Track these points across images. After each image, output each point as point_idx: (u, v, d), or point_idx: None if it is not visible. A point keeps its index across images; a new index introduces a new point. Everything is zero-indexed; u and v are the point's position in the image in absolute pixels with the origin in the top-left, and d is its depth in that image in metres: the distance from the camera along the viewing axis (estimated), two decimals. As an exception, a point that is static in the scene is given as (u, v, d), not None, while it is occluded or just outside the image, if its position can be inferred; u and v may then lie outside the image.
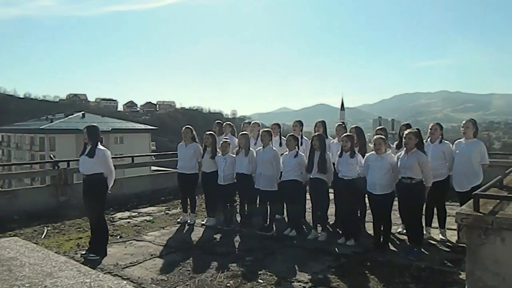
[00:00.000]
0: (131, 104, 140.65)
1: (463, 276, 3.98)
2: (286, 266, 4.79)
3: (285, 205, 6.59)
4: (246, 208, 6.71)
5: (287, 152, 6.17)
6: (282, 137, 7.16)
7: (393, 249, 5.43)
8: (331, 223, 6.46)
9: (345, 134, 5.91)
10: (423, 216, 5.53)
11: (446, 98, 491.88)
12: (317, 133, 6.19)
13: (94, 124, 5.47)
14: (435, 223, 5.87)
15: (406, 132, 5.33)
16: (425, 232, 5.65)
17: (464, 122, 5.82)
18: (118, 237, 6.15)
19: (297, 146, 6.17)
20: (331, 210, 6.40)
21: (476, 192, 3.60)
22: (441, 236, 5.75)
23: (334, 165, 5.93)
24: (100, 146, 5.22)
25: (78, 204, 6.77)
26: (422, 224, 5.45)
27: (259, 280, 4.38)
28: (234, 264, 4.85)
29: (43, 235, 6.25)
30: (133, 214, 7.71)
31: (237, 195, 6.98)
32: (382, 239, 5.44)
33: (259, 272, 4.58)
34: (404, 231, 5.73)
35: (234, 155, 6.65)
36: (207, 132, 6.92)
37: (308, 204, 6.52)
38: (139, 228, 6.69)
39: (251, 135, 7.24)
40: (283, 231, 6.17)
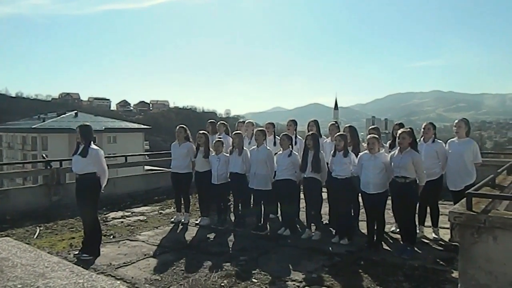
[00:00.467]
0: (124, 103, 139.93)
1: (455, 274, 4.01)
2: (280, 266, 4.80)
3: (279, 204, 6.59)
4: (240, 207, 6.71)
5: (281, 152, 6.17)
6: (276, 137, 7.16)
7: (387, 248, 5.45)
8: (325, 222, 6.47)
9: (338, 133, 5.92)
10: (416, 215, 5.57)
11: (439, 98, 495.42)
12: (310, 132, 6.20)
13: (87, 124, 5.43)
14: (428, 222, 5.91)
15: (399, 131, 5.35)
16: (418, 231, 5.68)
17: (456, 121, 5.87)
18: (111, 237, 6.12)
19: (291, 146, 6.17)
20: (325, 209, 6.41)
21: (469, 191, 3.63)
22: (434, 235, 5.79)
23: (327, 164, 5.95)
24: (93, 146, 5.18)
25: (71, 204, 6.72)
26: (415, 223, 5.47)
27: (253, 280, 4.37)
28: (228, 264, 4.84)
29: (35, 235, 6.19)
30: (127, 213, 7.67)
31: (231, 195, 6.97)
32: (375, 238, 5.46)
33: (253, 272, 4.57)
34: (398, 230, 5.75)
35: (228, 155, 6.64)
36: (199, 132, 6.89)
37: (302, 204, 6.53)
38: (133, 228, 6.66)
39: (245, 135, 7.23)
40: (277, 231, 6.17)
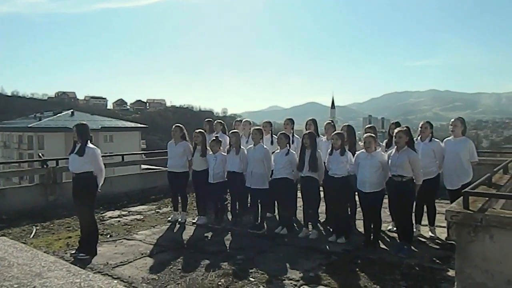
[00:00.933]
0: (121, 102, 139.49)
1: (452, 273, 4.03)
2: (277, 264, 4.80)
3: (276, 203, 6.59)
4: (237, 206, 6.70)
5: (279, 150, 6.17)
6: (273, 135, 7.16)
7: (384, 246, 5.46)
8: (322, 221, 6.49)
9: (335, 132, 5.93)
10: (413, 214, 5.58)
11: (436, 97, 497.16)
12: (308, 131, 6.20)
13: (84, 122, 5.42)
14: (425, 221, 5.93)
15: (396, 130, 5.35)
16: (415, 230, 5.69)
17: (452, 120, 5.88)
18: (108, 236, 6.10)
19: (288, 144, 6.17)
20: (322, 208, 6.42)
21: (465, 190, 3.64)
22: (430, 234, 5.81)
23: (324, 163, 5.95)
24: (89, 145, 5.16)
25: (67, 203, 6.70)
26: (412, 221, 5.49)
27: (251, 279, 4.37)
28: (225, 263, 4.84)
29: (32, 235, 6.17)
30: (124, 213, 7.65)
31: (229, 193, 6.97)
32: (372, 237, 5.48)
33: (251, 271, 4.57)
34: (395, 228, 5.77)
35: (225, 153, 6.64)
36: (196, 131, 6.89)
37: (299, 202, 6.53)
38: (130, 227, 6.64)
39: (242, 134, 7.23)
40: (274, 229, 6.17)
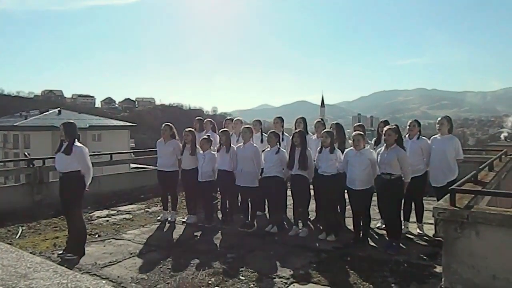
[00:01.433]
0: (109, 101, 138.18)
1: (439, 269, 4.07)
2: (268, 263, 4.80)
3: (266, 201, 6.60)
4: (227, 205, 6.69)
5: (269, 149, 6.17)
6: (263, 134, 7.16)
7: (373, 244, 5.51)
8: (312, 219, 6.51)
9: (325, 130, 5.95)
10: (401, 211, 5.63)
11: (423, 96, 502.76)
12: (297, 129, 6.21)
13: (71, 121, 5.36)
14: (413, 218, 5.99)
15: (385, 128, 5.40)
16: (403, 227, 5.75)
17: (439, 119, 5.96)
18: (96, 236, 6.04)
19: (278, 143, 6.18)
20: (312, 206, 6.44)
21: (452, 187, 3.69)
22: (418, 231, 5.87)
23: (314, 161, 5.96)
24: (77, 143, 5.10)
25: (54, 203, 6.60)
26: (401, 219, 5.54)
27: (241, 277, 4.37)
28: (216, 262, 4.82)
29: (18, 235, 6.07)
30: (112, 212, 7.58)
31: (219, 192, 6.95)
32: (361, 234, 5.52)
33: (241, 269, 4.57)
34: (383, 226, 5.82)
35: (215, 152, 6.61)
36: (186, 129, 6.85)
37: (289, 201, 6.55)
38: (118, 226, 6.58)
39: (233, 132, 7.21)
40: (264, 228, 6.17)
